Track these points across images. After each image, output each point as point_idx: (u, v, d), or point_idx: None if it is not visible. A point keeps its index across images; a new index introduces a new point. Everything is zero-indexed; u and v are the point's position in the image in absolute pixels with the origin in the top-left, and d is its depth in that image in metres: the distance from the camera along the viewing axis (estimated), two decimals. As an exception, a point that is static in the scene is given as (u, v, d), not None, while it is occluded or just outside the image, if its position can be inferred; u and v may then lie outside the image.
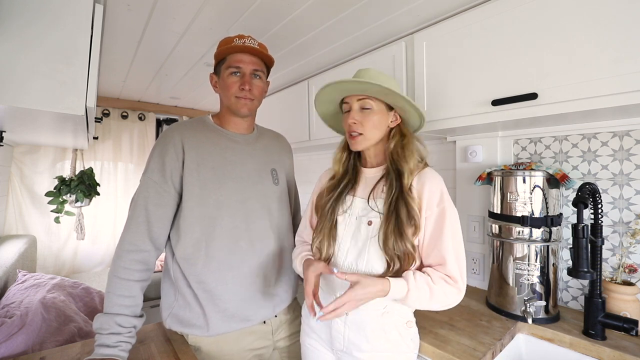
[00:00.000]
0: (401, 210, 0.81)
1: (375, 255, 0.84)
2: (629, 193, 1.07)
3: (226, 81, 0.99)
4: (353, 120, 0.89)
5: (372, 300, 0.84)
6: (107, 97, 2.61)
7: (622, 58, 0.80)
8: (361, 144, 0.90)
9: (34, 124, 1.28)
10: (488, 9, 1.05)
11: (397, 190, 0.84)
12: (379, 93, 0.87)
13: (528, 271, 1.09)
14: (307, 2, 1.20)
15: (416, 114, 0.91)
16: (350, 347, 0.86)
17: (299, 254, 0.98)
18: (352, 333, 0.86)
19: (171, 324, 0.95)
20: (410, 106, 0.88)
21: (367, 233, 0.86)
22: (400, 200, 0.82)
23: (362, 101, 0.89)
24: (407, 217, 0.81)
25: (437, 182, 0.85)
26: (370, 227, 0.86)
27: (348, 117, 0.91)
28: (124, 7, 1.23)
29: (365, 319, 0.85)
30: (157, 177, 0.92)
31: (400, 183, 0.84)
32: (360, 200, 0.91)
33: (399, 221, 0.81)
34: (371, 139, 0.90)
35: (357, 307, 0.77)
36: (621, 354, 0.88)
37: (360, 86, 0.87)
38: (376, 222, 0.85)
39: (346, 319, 0.87)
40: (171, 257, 0.96)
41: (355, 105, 0.90)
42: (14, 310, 1.27)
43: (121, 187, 2.76)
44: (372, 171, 0.95)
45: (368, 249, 0.85)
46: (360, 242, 0.86)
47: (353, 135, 0.90)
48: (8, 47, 0.80)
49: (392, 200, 0.83)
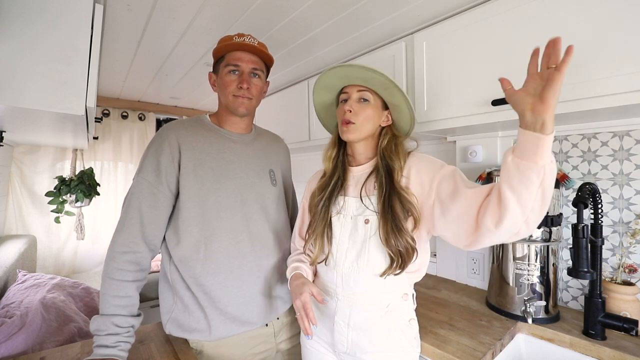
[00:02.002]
0: (396, 206, 0.81)
1: (376, 252, 0.84)
2: (629, 193, 1.07)
3: (224, 79, 0.97)
4: (349, 108, 0.89)
5: (375, 300, 0.84)
6: (107, 97, 2.61)
7: (622, 58, 0.80)
8: (352, 133, 0.89)
9: (34, 124, 1.28)
10: (488, 9, 1.05)
11: (389, 187, 0.84)
12: (381, 86, 0.88)
13: (528, 271, 1.09)
14: (307, 2, 1.20)
15: (408, 116, 0.91)
16: (354, 349, 0.85)
17: (290, 264, 0.97)
18: (355, 334, 0.85)
19: (171, 329, 0.92)
20: (407, 105, 0.89)
21: (366, 232, 0.85)
22: (393, 196, 0.82)
23: (361, 92, 0.90)
24: (402, 211, 0.81)
25: (422, 157, 0.87)
26: (367, 225, 0.86)
27: (344, 106, 0.90)
28: (124, 7, 1.23)
29: (369, 319, 0.84)
30: (152, 177, 0.89)
31: (391, 179, 0.85)
32: (352, 199, 0.90)
33: (396, 217, 0.80)
34: (362, 131, 0.89)
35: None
36: (621, 354, 0.88)
37: (366, 74, 0.86)
38: (373, 219, 0.85)
39: (349, 321, 0.86)
40: (168, 259, 0.94)
41: (354, 95, 0.90)
42: (14, 310, 1.27)
43: (121, 187, 2.76)
44: (359, 169, 0.94)
45: (368, 248, 0.84)
46: (359, 242, 0.86)
47: (346, 122, 0.89)
48: (8, 47, 0.80)
49: (384, 197, 0.83)
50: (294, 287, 0.87)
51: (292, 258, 0.99)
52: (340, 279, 0.88)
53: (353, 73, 0.88)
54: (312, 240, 0.91)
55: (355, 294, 0.86)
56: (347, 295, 0.86)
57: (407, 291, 0.87)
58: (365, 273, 0.84)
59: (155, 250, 0.92)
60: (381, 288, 0.84)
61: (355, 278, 0.85)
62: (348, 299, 0.86)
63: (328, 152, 1.00)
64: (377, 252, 0.83)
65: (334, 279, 0.89)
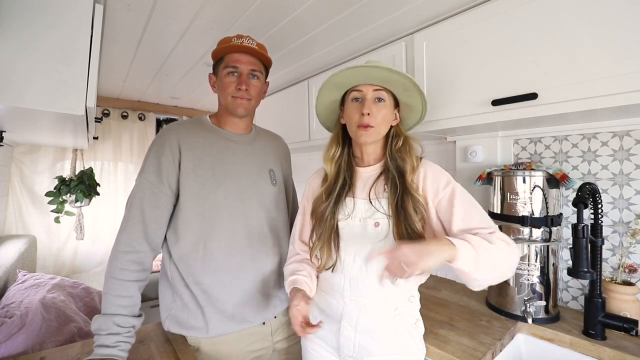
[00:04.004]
0: (408, 207, 0.80)
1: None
2: (629, 193, 1.07)
3: (223, 81, 0.98)
4: (368, 110, 0.83)
5: (383, 303, 0.83)
6: (107, 97, 2.61)
7: (622, 58, 0.80)
8: (371, 136, 0.84)
9: (34, 124, 1.28)
10: (488, 9, 1.05)
11: (402, 188, 0.82)
12: (401, 87, 0.85)
13: (528, 271, 1.09)
14: (307, 2, 1.20)
15: (420, 113, 0.91)
16: (361, 353, 0.84)
17: (289, 275, 0.93)
18: (362, 338, 0.83)
19: (170, 325, 0.94)
20: (423, 105, 0.88)
21: (376, 235, 0.83)
22: (406, 198, 0.80)
23: (378, 92, 0.85)
24: (414, 212, 0.79)
25: (436, 169, 0.85)
26: (378, 228, 0.83)
27: (361, 107, 0.84)
28: (124, 7, 1.23)
29: (377, 323, 0.83)
30: (153, 177, 0.91)
31: (403, 180, 0.83)
32: (361, 201, 0.87)
33: (409, 218, 0.79)
34: (380, 133, 0.86)
35: (408, 276, 0.67)
36: (621, 354, 0.88)
37: (390, 76, 0.82)
38: (383, 222, 0.83)
39: (357, 325, 0.84)
40: (168, 258, 0.96)
41: (370, 95, 0.85)
42: (14, 310, 1.27)
43: (121, 187, 2.76)
44: (368, 170, 0.91)
45: (379, 251, 0.81)
46: (369, 245, 0.83)
47: (364, 126, 0.83)
48: (8, 47, 0.80)
49: (398, 198, 0.81)
50: (290, 310, 0.83)
51: (290, 267, 0.95)
52: (348, 283, 0.85)
53: (374, 73, 0.83)
54: (319, 248, 0.88)
55: (363, 297, 0.83)
56: (355, 298, 0.84)
57: (413, 293, 0.87)
58: (374, 277, 0.82)
59: (157, 250, 0.93)
60: (390, 291, 0.83)
61: (363, 282, 0.83)
62: (356, 303, 0.84)
63: (330, 152, 0.94)
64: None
65: (342, 282, 0.86)
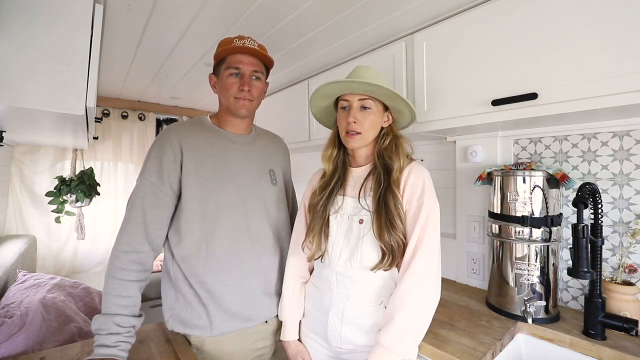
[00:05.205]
0: (390, 202, 0.83)
1: (368, 250, 0.85)
2: (629, 193, 1.07)
3: (225, 82, 0.99)
4: (353, 119, 0.89)
5: (368, 296, 0.86)
6: (107, 97, 2.61)
7: (622, 58, 0.80)
8: (358, 142, 0.91)
9: (34, 124, 1.28)
10: (488, 9, 1.05)
11: (385, 184, 0.86)
12: (384, 95, 0.89)
13: (528, 271, 1.09)
14: (307, 2, 1.20)
15: (409, 115, 0.95)
16: (347, 344, 0.88)
17: (288, 293, 0.99)
18: (347, 329, 0.87)
19: (173, 325, 0.94)
20: (409, 110, 0.92)
21: (360, 231, 0.87)
22: (388, 193, 0.84)
23: (363, 100, 0.90)
24: (394, 208, 0.83)
25: (421, 176, 0.87)
26: (361, 225, 0.88)
27: (347, 115, 0.91)
28: (124, 7, 1.23)
29: (361, 315, 0.86)
30: (154, 178, 0.91)
31: (388, 177, 0.87)
32: (350, 199, 0.92)
33: (389, 213, 0.83)
34: (367, 138, 0.92)
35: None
36: (621, 354, 0.88)
37: (369, 88, 0.87)
38: (367, 219, 0.87)
39: (342, 316, 0.88)
40: (171, 257, 0.96)
41: (355, 104, 0.90)
42: (14, 310, 1.27)
43: (121, 187, 2.76)
44: (359, 170, 0.96)
45: (361, 247, 0.86)
46: (353, 241, 0.88)
47: (351, 133, 0.90)
48: (8, 47, 0.80)
49: (380, 194, 0.85)
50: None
51: (287, 299, 0.99)
52: (334, 276, 0.90)
53: (355, 85, 0.89)
54: (311, 238, 0.93)
55: (349, 290, 0.88)
56: (341, 291, 0.89)
57: None
58: (358, 270, 0.86)
59: (157, 250, 0.93)
60: (375, 284, 0.87)
61: (348, 275, 0.88)
62: (342, 295, 0.89)
63: (328, 152, 1.01)
64: (370, 249, 0.85)
65: (329, 276, 0.91)
